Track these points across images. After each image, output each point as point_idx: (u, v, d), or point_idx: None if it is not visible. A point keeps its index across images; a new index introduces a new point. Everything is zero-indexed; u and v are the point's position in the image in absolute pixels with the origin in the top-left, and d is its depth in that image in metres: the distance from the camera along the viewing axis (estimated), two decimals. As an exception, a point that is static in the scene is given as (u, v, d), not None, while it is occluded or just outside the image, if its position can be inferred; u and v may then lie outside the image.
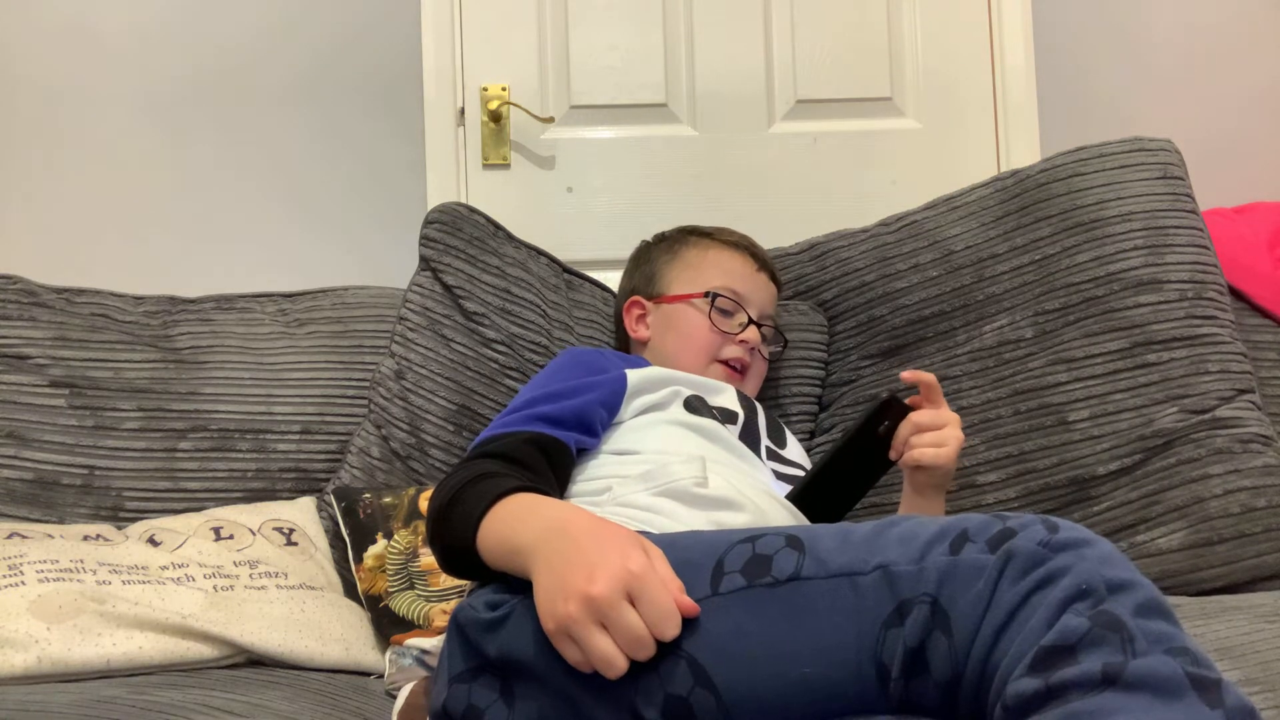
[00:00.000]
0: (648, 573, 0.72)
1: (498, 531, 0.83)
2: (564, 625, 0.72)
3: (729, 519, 0.97)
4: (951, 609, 0.65)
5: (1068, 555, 0.63)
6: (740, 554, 0.74)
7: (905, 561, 0.68)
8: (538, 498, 0.86)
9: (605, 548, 0.74)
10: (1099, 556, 0.63)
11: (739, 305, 1.32)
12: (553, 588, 0.74)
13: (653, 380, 1.16)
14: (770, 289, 1.39)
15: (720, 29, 1.96)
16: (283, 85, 1.91)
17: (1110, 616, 0.60)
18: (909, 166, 1.96)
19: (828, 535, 0.73)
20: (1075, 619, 0.60)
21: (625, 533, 0.77)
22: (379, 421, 1.43)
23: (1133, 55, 2.01)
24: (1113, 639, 0.59)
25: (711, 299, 1.31)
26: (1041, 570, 0.63)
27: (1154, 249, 1.38)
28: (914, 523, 0.71)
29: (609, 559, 0.73)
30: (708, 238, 1.40)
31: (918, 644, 0.65)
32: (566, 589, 0.73)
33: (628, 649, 0.71)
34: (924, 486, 1.10)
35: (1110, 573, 0.62)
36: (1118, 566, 0.63)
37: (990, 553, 0.65)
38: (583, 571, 0.73)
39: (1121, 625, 0.59)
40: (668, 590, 0.72)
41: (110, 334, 1.46)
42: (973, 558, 0.65)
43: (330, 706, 1.01)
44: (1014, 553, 0.64)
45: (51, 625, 1.04)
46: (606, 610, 0.71)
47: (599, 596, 0.71)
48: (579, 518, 0.80)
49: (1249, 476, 1.26)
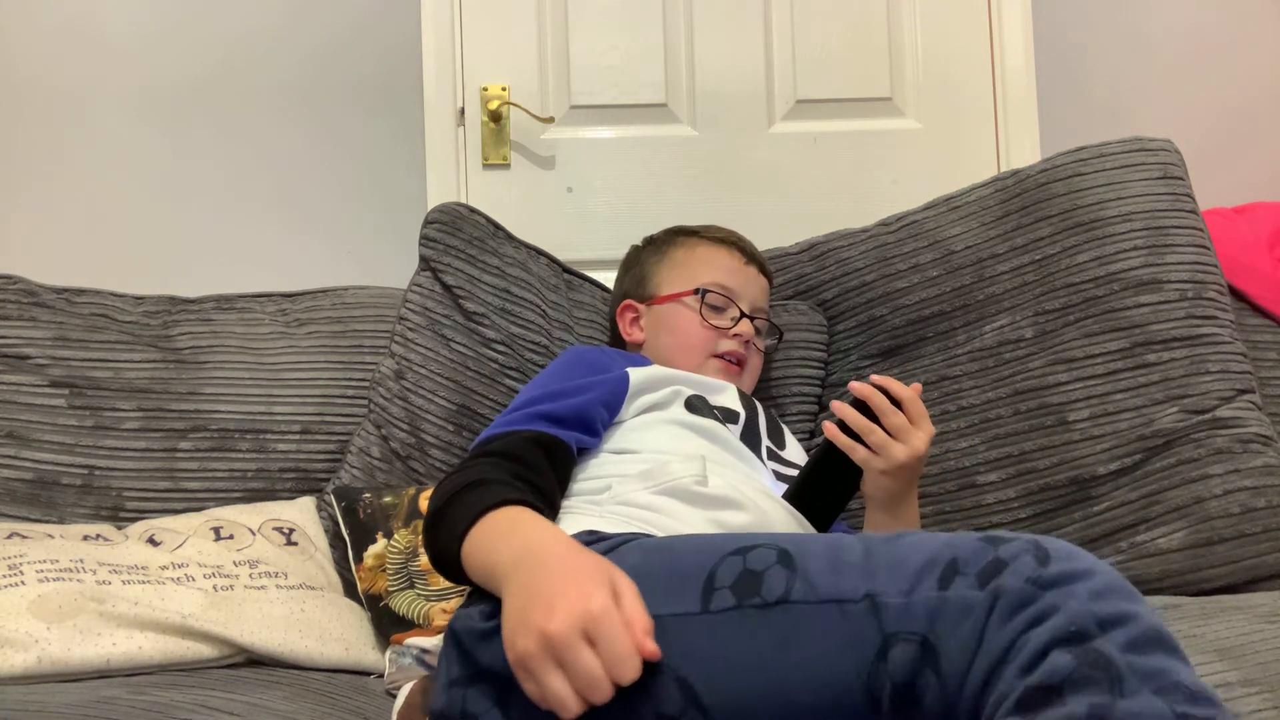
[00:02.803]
0: (607, 614, 0.70)
1: (479, 549, 0.83)
2: (521, 660, 0.71)
3: (730, 518, 0.97)
4: (940, 648, 0.64)
5: (1057, 593, 0.62)
6: (731, 568, 0.74)
7: (894, 593, 0.67)
8: (520, 515, 0.84)
9: (568, 583, 0.72)
10: (1091, 591, 0.62)
11: (730, 300, 1.32)
12: (515, 620, 0.74)
13: (654, 379, 1.16)
14: (761, 282, 1.38)
15: (720, 29, 1.96)
16: (283, 85, 1.92)
17: (1098, 655, 0.59)
18: (909, 166, 1.96)
19: (820, 553, 0.72)
20: (1062, 657, 0.59)
21: (594, 566, 0.75)
22: (379, 421, 1.43)
23: (1133, 55, 2.01)
24: (1100, 679, 0.58)
25: (701, 295, 1.31)
26: (1031, 610, 0.62)
27: (1154, 249, 1.38)
28: (905, 544, 0.70)
29: (569, 596, 0.71)
30: (694, 236, 1.40)
31: (907, 680, 0.65)
32: (526, 623, 0.72)
33: (582, 691, 0.69)
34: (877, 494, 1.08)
35: (1102, 608, 0.61)
36: (1112, 599, 0.62)
37: (980, 588, 0.64)
38: (542, 607, 0.71)
39: (1110, 664, 0.58)
40: (628, 633, 0.69)
41: (110, 334, 1.46)
42: (961, 594, 0.65)
43: (330, 706, 1.01)
44: (1002, 591, 0.63)
45: (51, 625, 1.04)
46: (562, 650, 0.69)
47: (555, 635, 0.69)
48: (553, 547, 0.78)
49: (1249, 477, 1.26)
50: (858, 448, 1.04)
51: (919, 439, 1.05)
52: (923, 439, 1.05)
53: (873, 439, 1.04)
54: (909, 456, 1.04)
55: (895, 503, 1.09)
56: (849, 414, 1.04)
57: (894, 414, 1.04)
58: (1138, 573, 1.25)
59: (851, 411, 1.05)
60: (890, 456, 1.04)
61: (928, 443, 1.06)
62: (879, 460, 1.04)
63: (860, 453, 1.04)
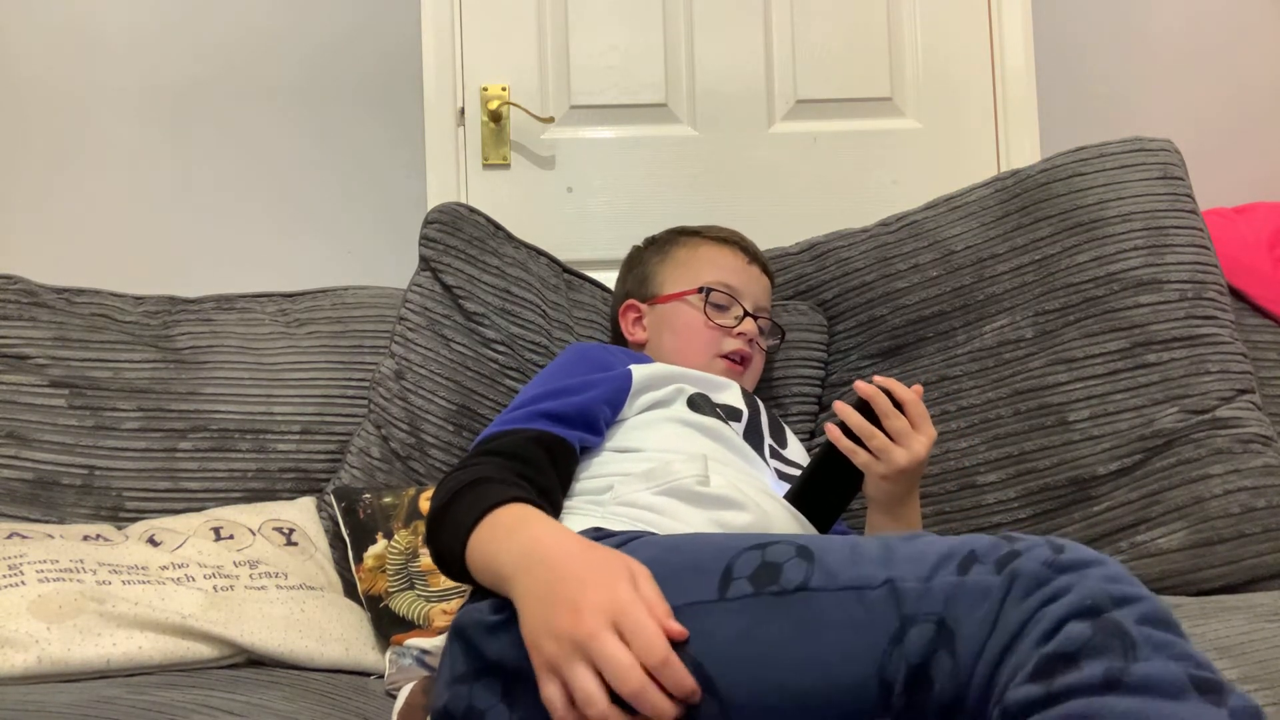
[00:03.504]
0: (634, 604, 0.71)
1: (483, 551, 0.82)
2: (551, 663, 0.72)
3: (731, 518, 0.97)
4: (957, 628, 0.65)
5: (1072, 575, 0.63)
6: (749, 561, 0.74)
7: (913, 579, 0.68)
8: (525, 513, 0.84)
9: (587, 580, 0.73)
10: (1104, 575, 0.63)
11: (733, 299, 1.32)
12: (538, 623, 0.74)
13: (657, 377, 1.16)
14: (763, 281, 1.38)
15: (720, 29, 1.96)
16: (283, 85, 1.92)
17: (1114, 624, 0.60)
18: (909, 166, 1.96)
19: (838, 548, 0.73)
20: (1078, 626, 0.60)
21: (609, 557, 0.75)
22: (379, 421, 1.43)
23: (1133, 55, 2.01)
24: (1115, 645, 0.59)
25: (706, 294, 1.31)
26: (1047, 589, 0.63)
27: (1154, 249, 1.38)
28: (923, 541, 0.71)
29: (592, 594, 0.72)
30: (697, 235, 1.40)
31: (921, 661, 0.65)
32: (553, 626, 0.72)
33: (616, 684, 0.69)
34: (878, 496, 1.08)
35: (1115, 588, 0.62)
36: (1123, 583, 0.63)
37: (997, 573, 0.65)
38: (567, 609, 0.72)
39: (1124, 632, 0.60)
40: (654, 617, 0.71)
41: (110, 334, 1.46)
42: (979, 579, 0.66)
43: (330, 706, 1.01)
44: (1019, 573, 0.64)
45: (51, 625, 1.04)
46: (594, 649, 0.70)
47: (586, 635, 0.70)
48: (561, 544, 0.78)
49: (1249, 477, 1.26)
50: (859, 451, 1.04)
51: (920, 443, 1.04)
52: (923, 443, 1.05)
53: (874, 443, 1.04)
54: (910, 461, 1.04)
55: (896, 505, 1.08)
56: (851, 416, 1.04)
57: (896, 417, 1.04)
58: (1138, 573, 1.24)
59: (854, 414, 1.04)
60: (891, 461, 1.04)
61: (929, 447, 1.05)
62: (880, 465, 1.04)
63: (861, 456, 1.04)
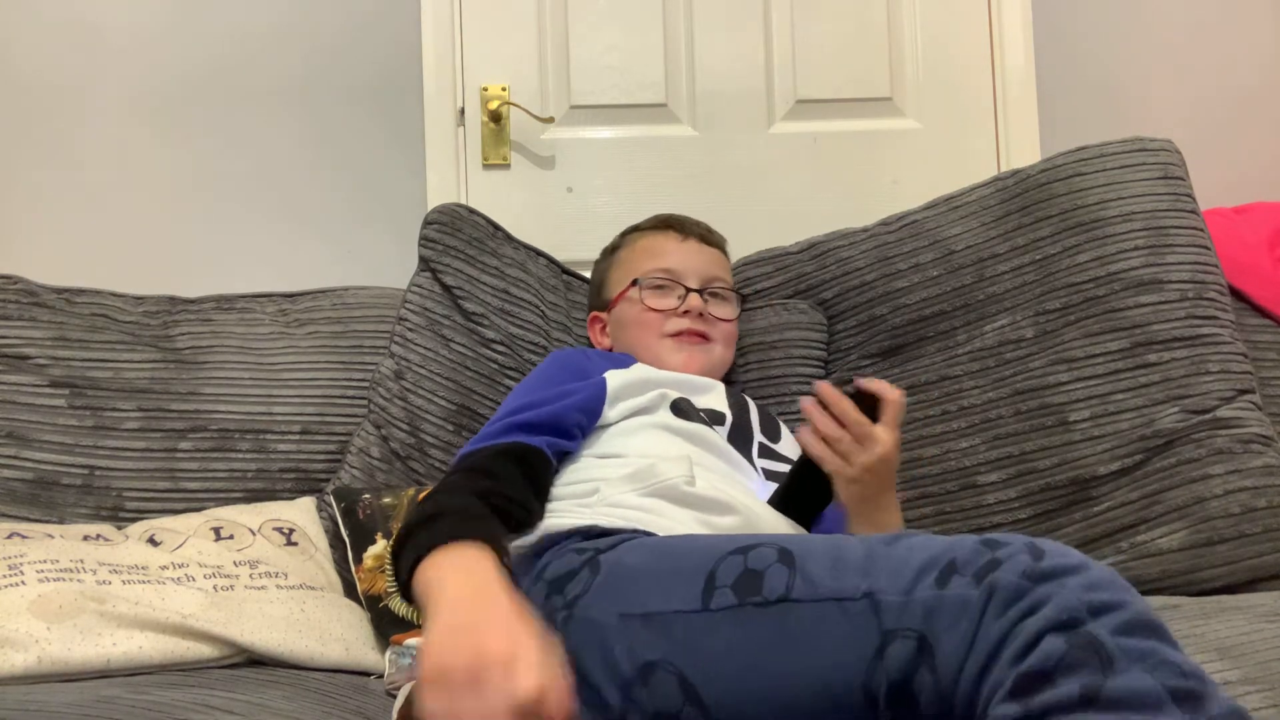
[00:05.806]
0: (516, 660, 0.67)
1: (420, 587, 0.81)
2: (442, 674, 0.68)
3: (718, 521, 0.97)
4: (937, 645, 0.65)
5: (1049, 585, 0.63)
6: (732, 567, 0.74)
7: (894, 591, 0.68)
8: (459, 558, 0.81)
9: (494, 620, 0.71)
10: (1083, 583, 0.63)
11: (672, 280, 1.33)
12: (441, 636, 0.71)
13: (634, 383, 1.17)
14: (706, 252, 1.38)
15: (720, 29, 1.96)
16: (283, 85, 1.91)
17: (1089, 638, 0.60)
18: (909, 166, 1.96)
19: (820, 553, 0.73)
20: (1054, 642, 0.60)
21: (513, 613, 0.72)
22: (379, 421, 1.43)
23: (1133, 55, 2.01)
24: (1090, 660, 0.59)
25: (639, 285, 1.33)
26: (1024, 602, 0.63)
27: (1154, 249, 1.38)
28: (904, 546, 0.71)
29: (494, 631, 0.69)
30: (635, 231, 1.43)
31: (902, 677, 0.65)
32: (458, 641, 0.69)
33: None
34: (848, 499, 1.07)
35: (1094, 597, 0.62)
36: (1103, 590, 0.63)
37: (976, 586, 0.65)
38: (473, 632, 0.69)
39: (1100, 646, 0.60)
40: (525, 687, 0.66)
41: (110, 334, 1.46)
42: (959, 592, 0.66)
43: (330, 706, 1.01)
44: (997, 585, 0.64)
45: (51, 625, 1.04)
46: (485, 675, 0.66)
47: (490, 656, 0.67)
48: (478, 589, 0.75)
49: (1249, 477, 1.26)
50: (828, 456, 1.05)
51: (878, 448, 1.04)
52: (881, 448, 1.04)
53: (838, 447, 1.05)
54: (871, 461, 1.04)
55: (868, 508, 1.08)
56: (818, 420, 1.06)
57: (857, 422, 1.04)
58: (1138, 573, 1.25)
59: (819, 418, 1.06)
60: (853, 462, 1.04)
61: (890, 448, 1.05)
62: (848, 468, 1.05)
63: (830, 462, 1.05)
